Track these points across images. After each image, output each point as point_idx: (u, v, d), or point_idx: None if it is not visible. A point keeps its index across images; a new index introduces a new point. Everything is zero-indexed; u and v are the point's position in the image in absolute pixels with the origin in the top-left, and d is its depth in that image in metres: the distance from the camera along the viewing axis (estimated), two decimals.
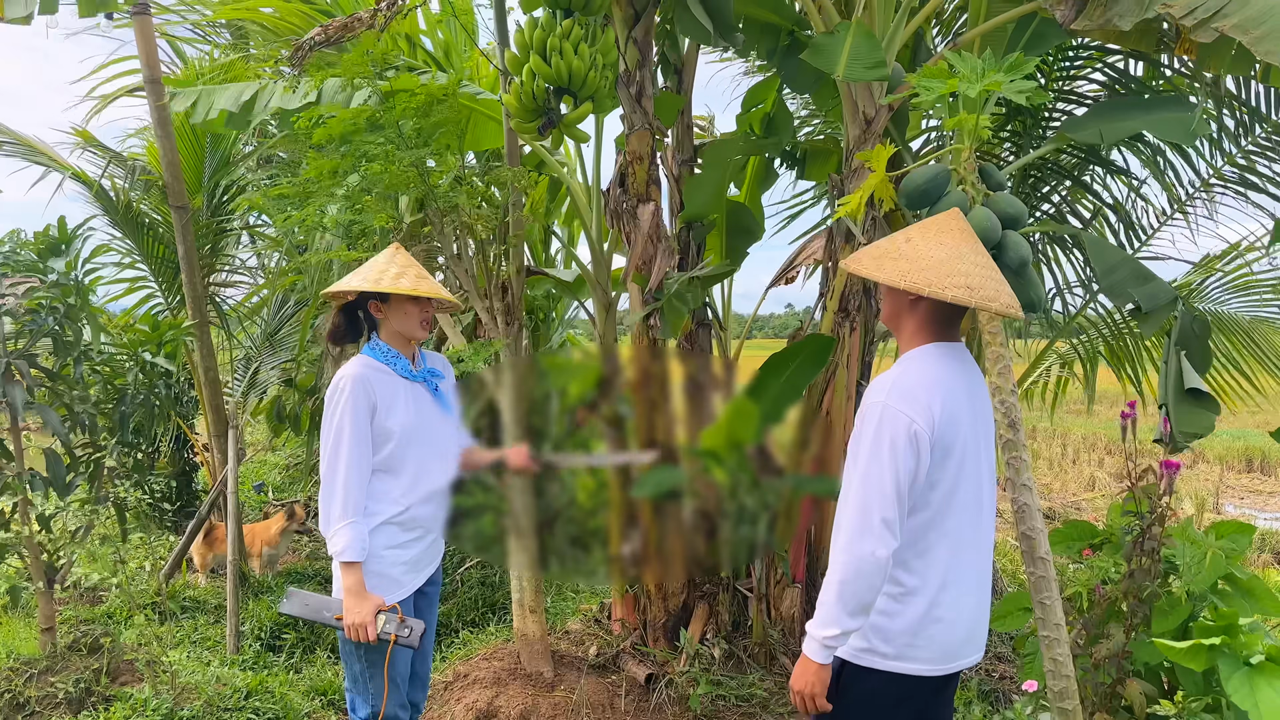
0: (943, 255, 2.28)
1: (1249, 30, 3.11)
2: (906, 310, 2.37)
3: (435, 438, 3.15)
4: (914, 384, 2.25)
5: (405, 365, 3.08)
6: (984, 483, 2.37)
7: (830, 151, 5.34)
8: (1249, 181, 4.96)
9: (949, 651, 2.32)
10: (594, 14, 3.76)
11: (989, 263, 2.33)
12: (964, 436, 2.28)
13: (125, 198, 6.53)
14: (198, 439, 7.06)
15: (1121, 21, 3.49)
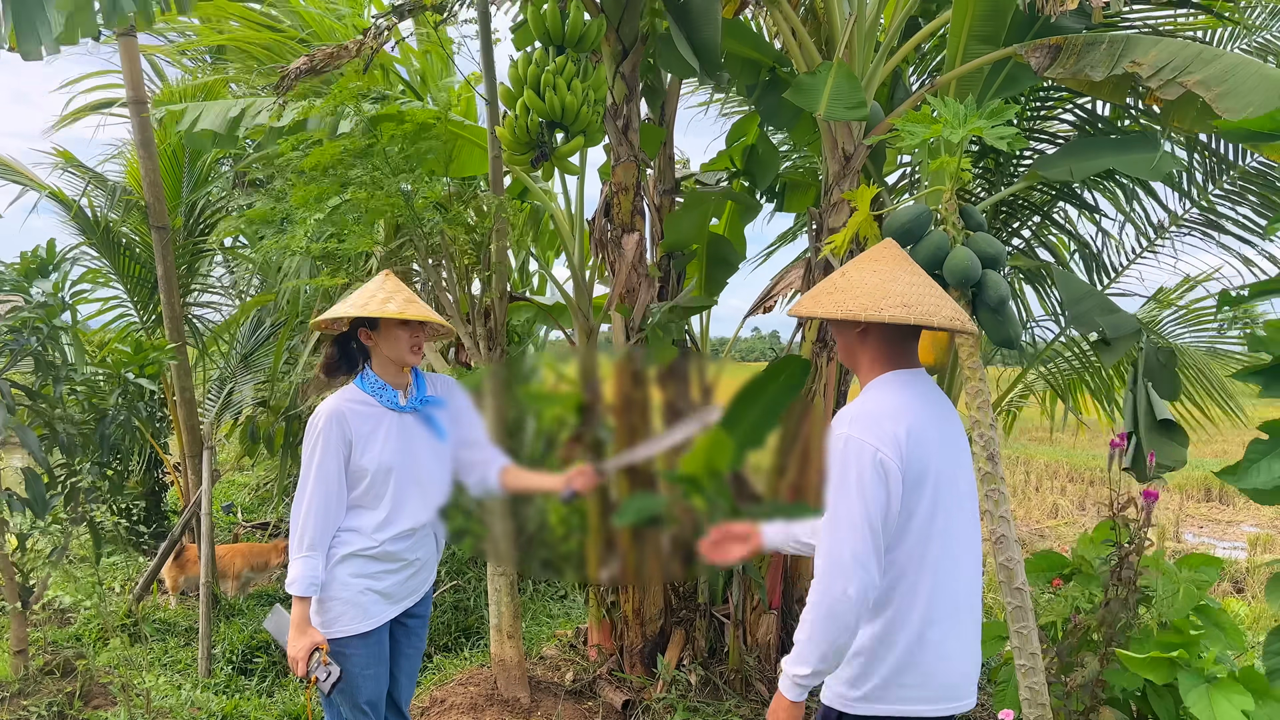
0: (876, 280, 2.29)
1: (1211, 87, 3.26)
2: (857, 343, 2.36)
3: (421, 470, 3.08)
4: (876, 412, 2.20)
5: (393, 397, 3.03)
6: (965, 511, 2.30)
7: (809, 185, 5.45)
8: (1215, 224, 5.12)
9: (947, 689, 2.23)
10: (585, 50, 3.84)
11: (926, 281, 2.33)
12: (936, 463, 2.21)
13: (104, 218, 6.50)
14: (169, 459, 7.00)
15: (1093, 73, 3.62)
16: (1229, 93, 3.13)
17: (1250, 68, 3.34)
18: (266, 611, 6.03)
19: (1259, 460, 2.48)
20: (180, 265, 6.54)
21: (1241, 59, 3.41)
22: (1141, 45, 3.61)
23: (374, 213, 4.33)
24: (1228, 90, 3.14)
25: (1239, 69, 3.28)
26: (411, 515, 3.05)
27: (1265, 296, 2.55)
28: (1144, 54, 3.54)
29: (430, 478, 3.12)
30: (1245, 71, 3.26)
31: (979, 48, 4.32)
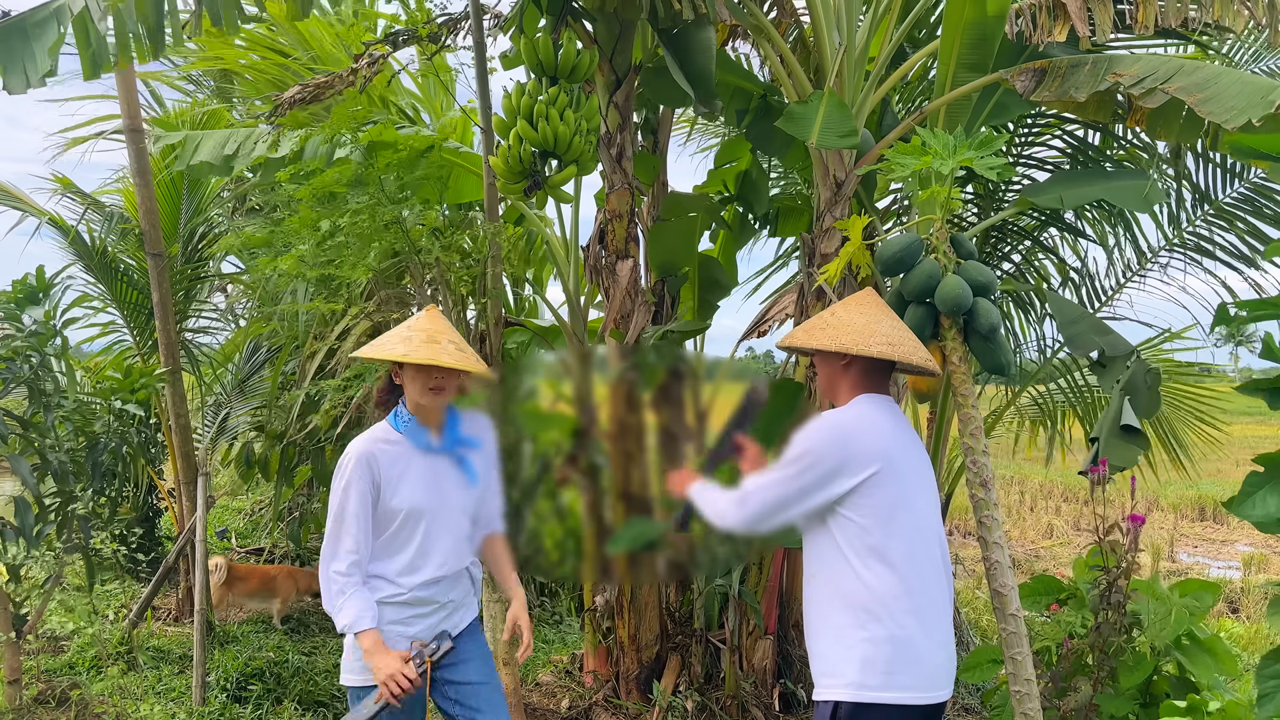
0: (863, 321, 2.67)
1: (1193, 93, 3.32)
2: (840, 373, 2.69)
3: (452, 514, 2.94)
4: (849, 417, 2.62)
5: (424, 438, 2.88)
6: (930, 516, 2.63)
7: (801, 210, 5.50)
8: (1204, 249, 5.19)
9: (931, 678, 2.48)
10: (578, 81, 3.89)
11: (904, 327, 2.75)
12: (898, 469, 2.53)
13: (101, 244, 6.53)
14: (163, 485, 7.00)
15: (1078, 93, 3.68)
16: (1211, 98, 3.18)
17: (1230, 75, 3.39)
18: (265, 639, 6.02)
19: (1255, 493, 2.53)
20: (177, 291, 6.56)
21: (1221, 69, 3.46)
22: (1124, 61, 3.67)
23: (369, 239, 4.36)
24: (1210, 96, 3.19)
25: (1220, 77, 3.34)
26: (441, 560, 2.90)
27: (1262, 316, 2.58)
28: (1126, 68, 3.60)
29: (462, 519, 2.98)
30: (1226, 79, 3.32)
31: (967, 75, 4.37)
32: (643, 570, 4.75)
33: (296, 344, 6.98)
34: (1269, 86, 3.30)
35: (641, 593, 4.75)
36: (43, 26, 3.23)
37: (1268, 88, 3.29)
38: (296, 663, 5.62)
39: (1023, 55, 4.48)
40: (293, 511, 8.10)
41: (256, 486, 9.11)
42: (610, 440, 4.77)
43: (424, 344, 2.82)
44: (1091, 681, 3.20)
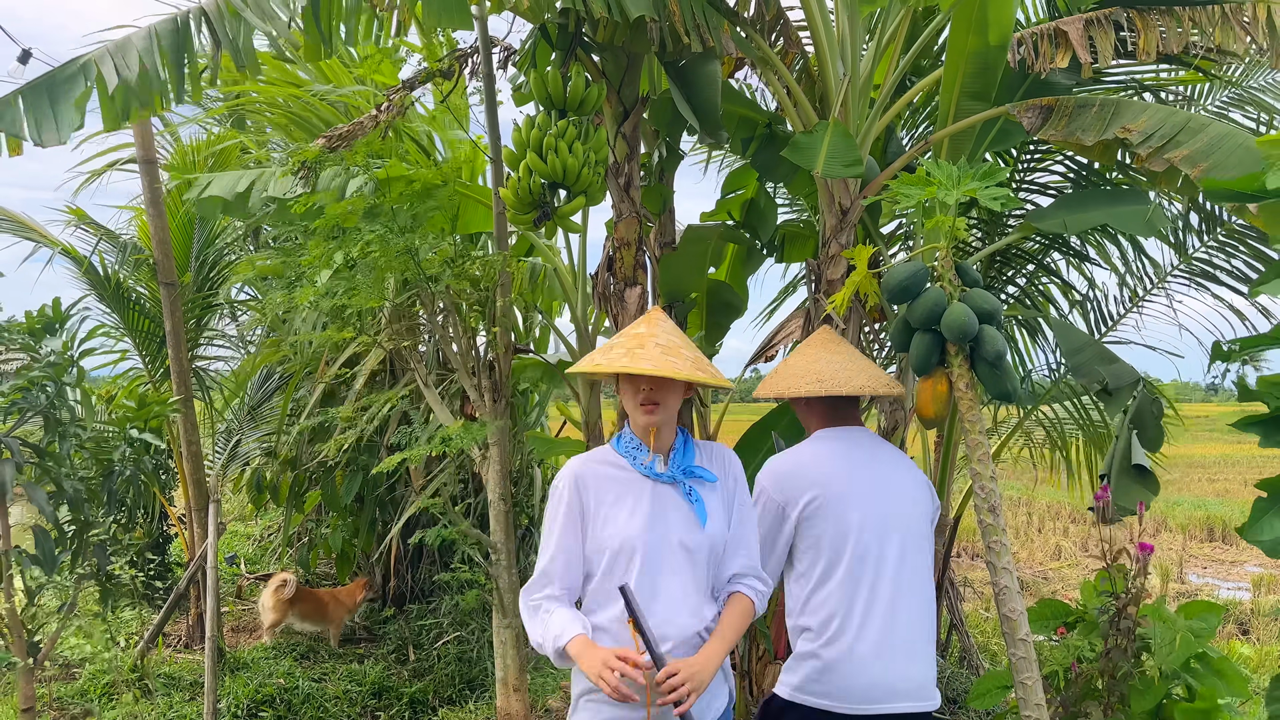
0: (803, 363, 3.00)
1: (1197, 163, 3.36)
2: (804, 411, 3.04)
3: (675, 557, 2.41)
4: (788, 455, 2.92)
5: (648, 461, 2.47)
6: (889, 540, 2.75)
7: (807, 236, 5.55)
8: (1209, 274, 5.23)
9: (865, 693, 2.67)
10: (586, 113, 3.96)
11: (848, 358, 3.00)
12: (841, 495, 2.75)
13: (115, 275, 6.61)
14: (174, 511, 7.04)
15: (1084, 135, 3.73)
16: (1215, 166, 3.24)
17: (1235, 140, 3.45)
18: (275, 665, 6.04)
19: (1261, 518, 2.56)
20: (189, 319, 6.64)
21: (1228, 130, 3.52)
22: (1131, 110, 3.71)
23: (383, 270, 4.42)
24: (1213, 165, 3.25)
25: (1225, 141, 3.39)
26: (664, 614, 2.36)
27: (1255, 350, 2.62)
28: (1134, 119, 3.64)
29: (690, 569, 2.43)
30: (1230, 144, 3.37)
31: (971, 104, 4.44)
32: None
33: (309, 370, 7.05)
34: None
35: None
36: (72, 82, 3.31)
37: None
38: (307, 689, 5.65)
39: (1025, 83, 4.54)
40: (301, 537, 8.14)
41: (265, 512, 9.16)
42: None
43: (626, 352, 2.42)
44: (1102, 707, 3.22)
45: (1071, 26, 4.04)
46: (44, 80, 3.39)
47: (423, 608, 7.10)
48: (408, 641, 6.65)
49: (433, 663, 6.30)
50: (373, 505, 7.08)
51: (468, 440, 4.18)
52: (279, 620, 6.44)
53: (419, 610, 7.07)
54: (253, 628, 7.32)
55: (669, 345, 2.44)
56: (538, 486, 7.56)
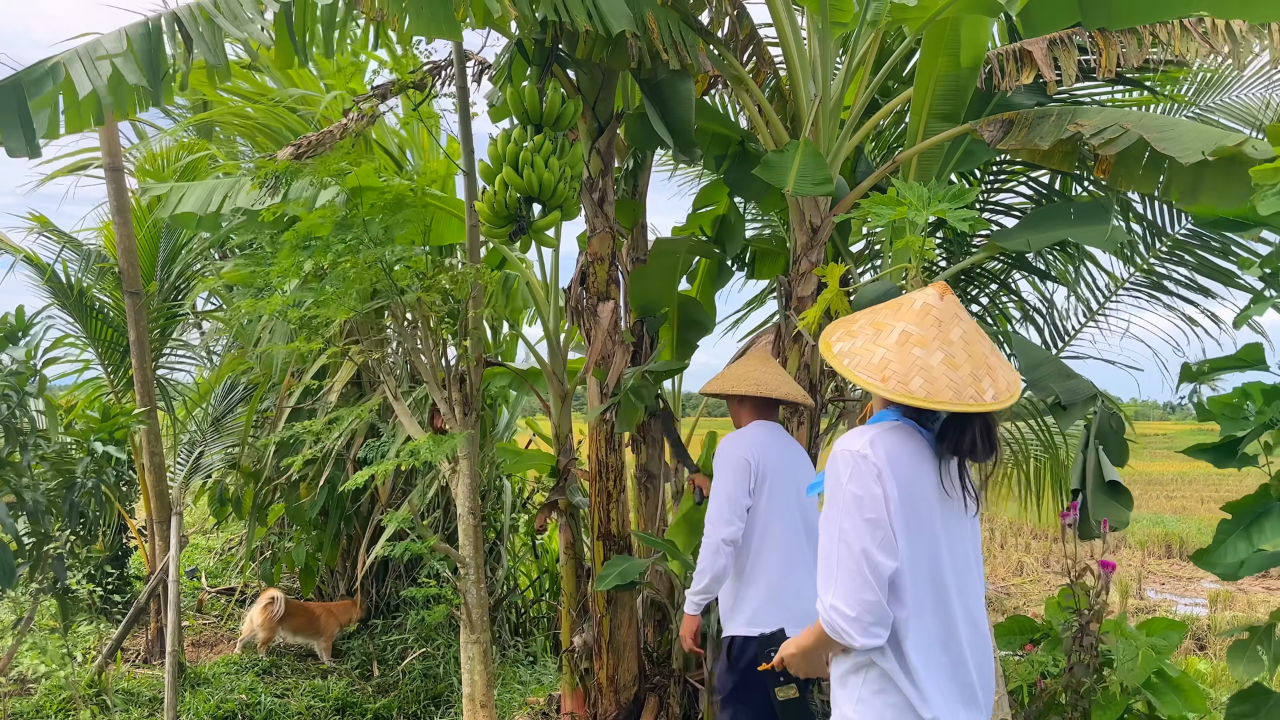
0: (744, 370, 3.77)
1: (1151, 132, 3.51)
2: (738, 406, 3.80)
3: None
4: (737, 435, 3.70)
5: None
6: (801, 512, 3.61)
7: (777, 253, 5.60)
8: (1159, 285, 5.36)
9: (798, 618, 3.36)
10: (562, 129, 3.97)
11: (775, 371, 3.80)
12: (770, 470, 3.56)
13: (78, 283, 6.51)
14: (134, 523, 6.93)
15: (1042, 142, 3.84)
16: (1168, 139, 3.41)
17: (1185, 124, 3.60)
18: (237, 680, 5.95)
19: (1225, 541, 2.63)
20: (153, 329, 6.54)
21: (1177, 119, 3.65)
22: (1086, 113, 3.83)
23: (353, 281, 4.39)
24: (1168, 136, 3.42)
25: (1176, 124, 3.55)
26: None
27: (1224, 371, 2.70)
28: (1088, 118, 3.76)
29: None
30: (1182, 126, 3.55)
31: (939, 125, 4.52)
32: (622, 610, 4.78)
33: (273, 383, 6.97)
34: (1220, 134, 3.52)
35: (620, 633, 4.76)
36: (39, 85, 3.26)
37: (1220, 135, 3.50)
38: (269, 705, 5.57)
39: (991, 103, 4.64)
40: (264, 551, 8.04)
41: (226, 525, 9.03)
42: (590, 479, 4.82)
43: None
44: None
45: (1036, 47, 4.15)
46: (9, 84, 3.33)
47: (387, 623, 7.03)
48: (372, 657, 6.58)
49: (397, 679, 6.24)
50: (337, 519, 7.01)
51: (438, 453, 4.16)
52: (270, 639, 6.35)
53: (383, 625, 7.00)
54: (214, 642, 7.21)
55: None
56: (507, 499, 7.53)
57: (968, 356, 2.14)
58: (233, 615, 7.73)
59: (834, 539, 2.15)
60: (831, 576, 2.14)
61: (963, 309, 2.24)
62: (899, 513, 2.13)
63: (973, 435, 2.18)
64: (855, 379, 2.17)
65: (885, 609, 2.09)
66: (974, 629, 2.26)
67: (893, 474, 2.14)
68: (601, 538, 4.77)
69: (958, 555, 2.25)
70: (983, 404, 2.10)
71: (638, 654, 4.87)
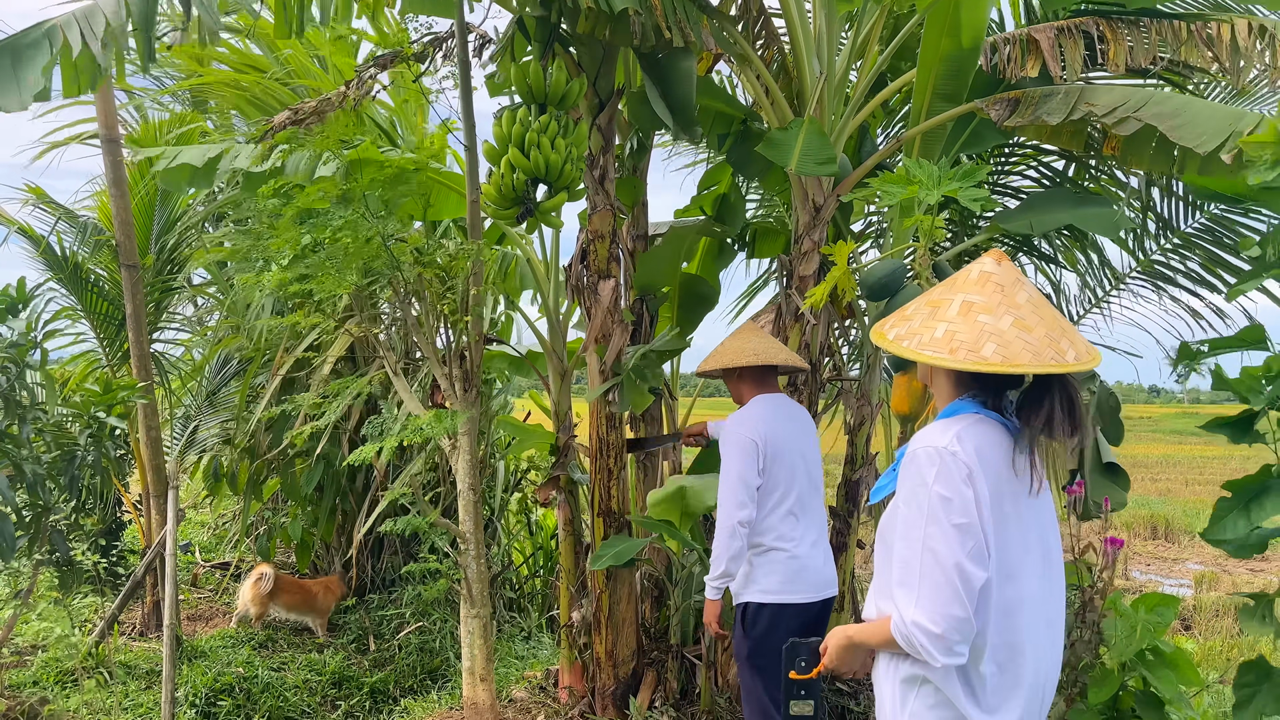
0: (738, 344, 3.79)
1: (1166, 119, 3.47)
2: (735, 382, 3.81)
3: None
4: (742, 413, 3.71)
5: None
6: (809, 479, 3.69)
7: (778, 232, 5.60)
8: (1165, 277, 5.37)
9: (815, 586, 3.61)
10: (566, 108, 3.95)
11: (769, 341, 3.80)
12: (787, 450, 3.59)
13: (74, 256, 6.46)
14: (129, 497, 6.91)
15: (1050, 118, 3.82)
16: (1182, 125, 3.34)
17: (1199, 105, 3.55)
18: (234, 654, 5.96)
19: (1225, 518, 2.64)
20: (149, 303, 6.50)
21: (1190, 99, 3.62)
22: (1096, 92, 3.82)
23: (351, 257, 4.37)
24: (1181, 123, 3.35)
25: (1190, 105, 3.50)
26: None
27: (1223, 351, 2.71)
28: (1099, 98, 3.74)
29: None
30: (1196, 108, 3.48)
31: (942, 105, 4.51)
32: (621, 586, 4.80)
33: (267, 357, 6.95)
34: (1236, 115, 3.46)
35: (619, 609, 4.79)
36: (36, 47, 3.23)
37: (1235, 116, 3.45)
38: (266, 678, 5.58)
39: (997, 89, 4.62)
40: (258, 526, 8.04)
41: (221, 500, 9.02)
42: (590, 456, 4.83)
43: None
44: (1065, 698, 3.30)
45: (1043, 35, 4.12)
46: (5, 45, 3.31)
47: (383, 598, 7.05)
48: (368, 631, 6.60)
49: (393, 653, 6.27)
50: (333, 494, 7.01)
51: (440, 430, 4.16)
52: (261, 614, 6.37)
53: (379, 600, 7.03)
54: (210, 616, 7.22)
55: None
56: (500, 478, 7.54)
57: (1039, 319, 1.96)
58: (228, 590, 7.74)
59: (916, 546, 1.94)
60: (913, 589, 1.93)
61: (1023, 275, 2.10)
62: (991, 517, 1.94)
63: (1051, 407, 1.97)
64: (919, 358, 1.99)
65: (973, 625, 1.90)
66: (1053, 644, 2.11)
67: (984, 473, 1.94)
68: (602, 514, 4.78)
69: (1052, 561, 2.10)
70: (1065, 364, 1.90)
71: (636, 629, 4.90)
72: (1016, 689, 2.01)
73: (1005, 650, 2.00)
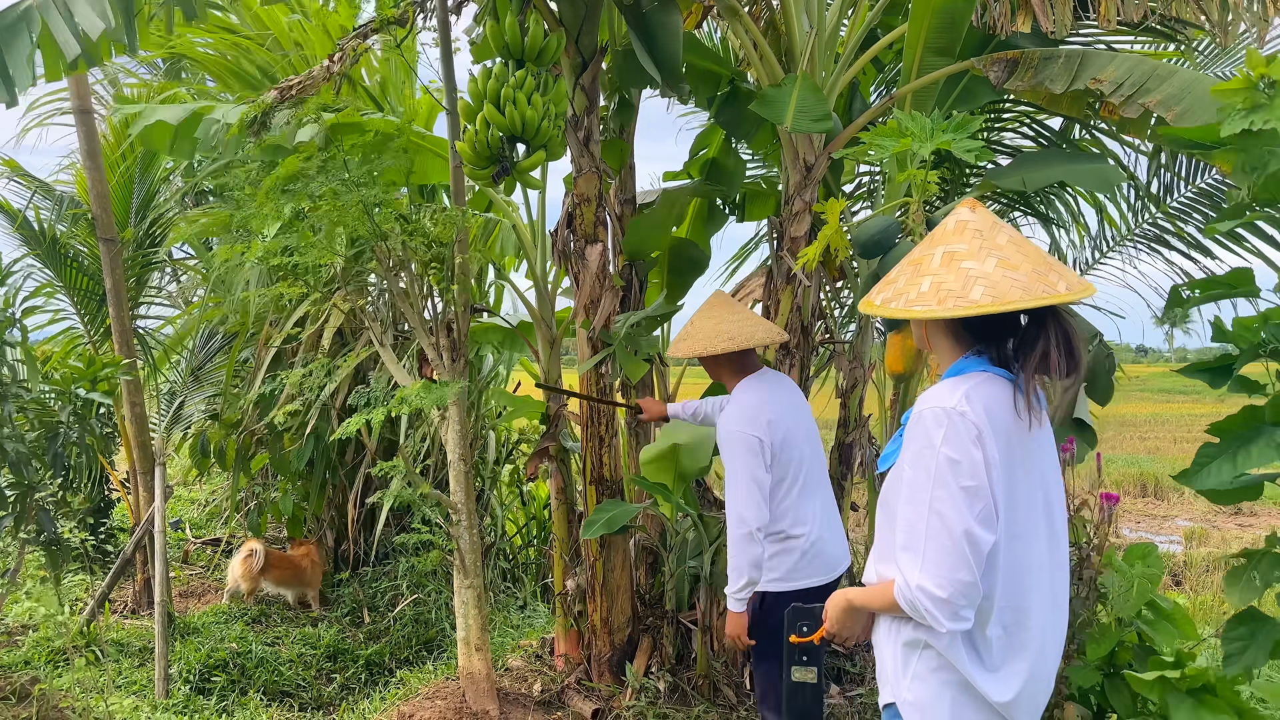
0: (710, 325, 3.52)
1: (1171, 107, 3.41)
2: (713, 364, 3.61)
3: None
4: (739, 400, 3.47)
5: None
6: (815, 451, 3.55)
7: (767, 194, 5.53)
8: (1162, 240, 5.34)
9: (828, 567, 3.51)
10: (545, 64, 3.85)
11: (745, 316, 3.55)
12: (791, 436, 3.40)
13: (51, 230, 6.34)
14: (116, 475, 6.85)
15: (1053, 85, 3.75)
16: (1187, 112, 3.29)
17: (1203, 85, 3.49)
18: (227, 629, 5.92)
19: (1209, 463, 2.60)
20: (130, 278, 6.40)
21: (1195, 76, 3.55)
22: (1098, 61, 3.74)
23: (335, 225, 4.28)
24: (1186, 110, 3.30)
25: (1194, 86, 3.44)
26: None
27: (1214, 296, 2.67)
28: (1102, 70, 3.67)
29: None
30: (1200, 89, 3.42)
31: (935, 60, 4.43)
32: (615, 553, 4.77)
33: (252, 331, 6.86)
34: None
35: (614, 576, 4.77)
36: (13, 31, 3.12)
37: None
38: (260, 653, 5.56)
39: (989, 45, 4.55)
40: (248, 501, 7.99)
41: (210, 476, 8.96)
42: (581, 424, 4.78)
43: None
44: (1064, 654, 3.29)
45: None
46: None
47: (377, 570, 7.03)
48: (362, 604, 6.58)
49: (388, 625, 6.25)
50: (323, 468, 6.96)
51: (429, 401, 4.09)
52: (253, 590, 6.34)
53: (373, 573, 7.00)
54: (201, 593, 7.18)
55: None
56: (491, 449, 7.49)
57: (1024, 256, 1.91)
58: (219, 566, 7.70)
59: (922, 509, 1.89)
60: (918, 552, 1.88)
61: (1000, 219, 2.04)
62: (1001, 479, 1.89)
63: (1047, 344, 1.92)
64: (909, 314, 1.92)
65: (979, 589, 1.86)
66: (1057, 605, 2.07)
67: (994, 434, 1.89)
68: (594, 482, 4.74)
69: (1055, 519, 2.05)
70: (1059, 294, 1.84)
71: (631, 596, 4.88)
72: (1023, 651, 1.98)
73: (1011, 613, 1.97)
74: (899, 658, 2.05)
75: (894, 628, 2.06)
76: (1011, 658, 1.98)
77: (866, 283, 3.20)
